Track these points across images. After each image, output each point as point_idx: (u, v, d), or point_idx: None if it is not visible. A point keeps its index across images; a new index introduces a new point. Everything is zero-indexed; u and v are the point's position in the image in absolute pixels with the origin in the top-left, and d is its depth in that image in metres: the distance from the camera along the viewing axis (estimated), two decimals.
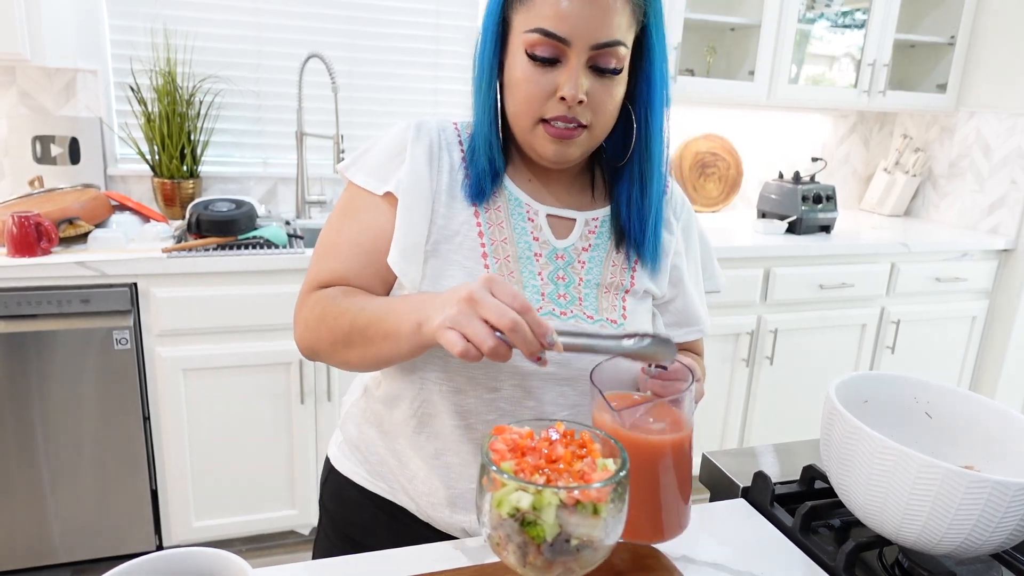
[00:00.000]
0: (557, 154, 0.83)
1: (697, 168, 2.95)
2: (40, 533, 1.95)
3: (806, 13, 2.82)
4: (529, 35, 0.78)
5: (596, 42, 0.77)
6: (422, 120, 0.90)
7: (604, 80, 0.80)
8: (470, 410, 0.86)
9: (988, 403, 0.81)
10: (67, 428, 1.90)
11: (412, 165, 0.86)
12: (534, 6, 0.78)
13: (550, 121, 0.80)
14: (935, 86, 3.01)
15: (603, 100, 0.81)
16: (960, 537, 0.67)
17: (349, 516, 0.98)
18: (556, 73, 0.79)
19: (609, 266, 0.90)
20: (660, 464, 0.69)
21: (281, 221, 2.36)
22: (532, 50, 0.79)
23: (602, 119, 0.82)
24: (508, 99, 0.84)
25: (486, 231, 0.86)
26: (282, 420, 2.09)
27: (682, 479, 0.71)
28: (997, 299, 2.87)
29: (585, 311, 0.87)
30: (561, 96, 0.78)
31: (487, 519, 0.57)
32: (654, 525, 0.72)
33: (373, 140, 0.92)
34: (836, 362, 2.69)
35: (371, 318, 0.77)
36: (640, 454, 0.67)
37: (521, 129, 0.84)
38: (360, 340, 0.78)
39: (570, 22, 0.76)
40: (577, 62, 0.78)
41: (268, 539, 2.26)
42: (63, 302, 1.81)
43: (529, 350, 0.65)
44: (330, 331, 0.81)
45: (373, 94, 2.57)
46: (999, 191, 2.86)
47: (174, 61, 2.28)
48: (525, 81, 0.80)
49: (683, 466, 0.71)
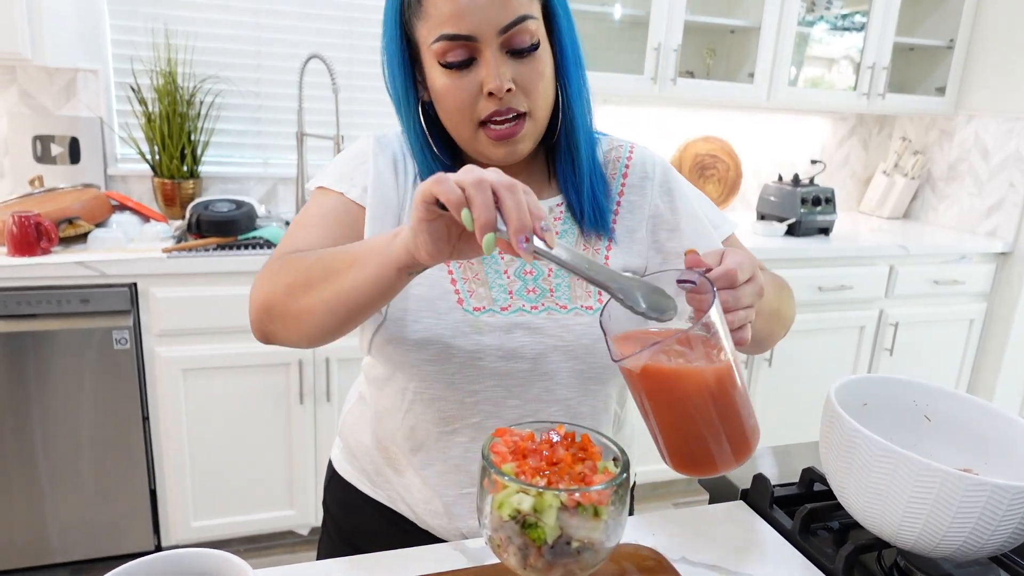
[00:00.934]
0: (507, 155, 0.81)
1: (696, 170, 2.96)
2: (39, 533, 1.95)
3: (806, 15, 2.82)
4: (435, 45, 0.76)
5: (502, 25, 0.75)
6: (381, 133, 0.90)
7: (525, 60, 0.77)
8: (453, 415, 0.85)
9: (987, 406, 0.81)
10: (66, 428, 1.89)
11: (377, 175, 0.85)
12: (430, 15, 0.76)
13: (487, 123, 0.78)
14: (934, 89, 3.02)
15: (532, 80, 0.78)
16: (959, 540, 0.67)
17: (352, 521, 0.98)
18: (475, 72, 0.77)
19: (580, 250, 0.86)
20: (692, 396, 0.60)
21: (281, 221, 2.36)
22: (443, 58, 0.77)
23: (539, 100, 0.79)
24: (440, 113, 0.82)
25: None
26: (281, 420, 2.09)
27: (726, 413, 0.62)
28: (995, 302, 2.88)
29: (557, 301, 0.84)
30: (488, 91, 0.76)
31: (488, 521, 0.57)
32: (702, 457, 0.63)
33: (335, 157, 0.92)
34: (834, 364, 2.69)
35: (338, 250, 0.72)
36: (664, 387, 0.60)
37: (463, 139, 0.82)
38: (321, 275, 0.71)
39: (470, 17, 0.74)
40: (491, 53, 0.76)
41: (267, 539, 2.26)
42: (63, 302, 1.81)
43: (520, 221, 0.55)
44: (289, 273, 0.74)
45: (373, 94, 2.57)
46: (998, 194, 2.86)
47: (175, 61, 2.28)
48: (447, 92, 0.78)
49: (724, 398, 0.61)
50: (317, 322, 0.72)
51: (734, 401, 0.62)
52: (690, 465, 0.64)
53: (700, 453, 0.63)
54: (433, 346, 0.82)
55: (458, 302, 0.82)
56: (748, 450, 0.63)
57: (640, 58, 2.50)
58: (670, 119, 2.93)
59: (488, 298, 0.83)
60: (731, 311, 0.63)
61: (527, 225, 0.55)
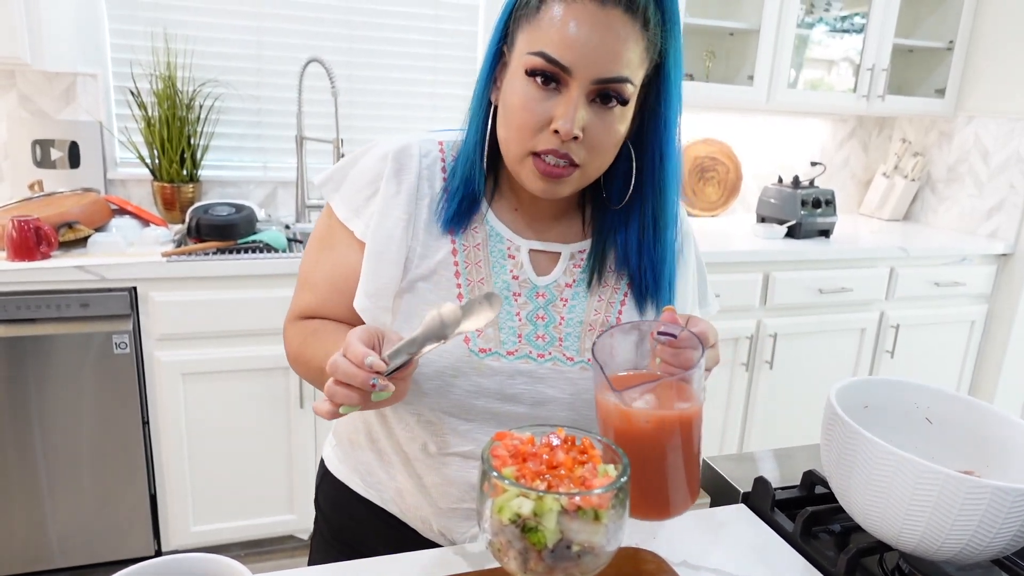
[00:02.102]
0: (544, 192, 0.78)
1: (696, 172, 2.96)
2: (38, 538, 1.94)
3: (805, 18, 2.82)
4: (531, 57, 0.73)
5: (600, 76, 0.72)
6: (405, 145, 0.85)
7: (604, 114, 0.75)
8: (445, 441, 0.85)
9: (988, 408, 0.81)
10: (66, 432, 1.89)
11: (384, 206, 0.83)
12: (540, 27, 0.73)
13: (541, 155, 0.75)
14: (934, 91, 3.02)
15: (601, 138, 0.75)
16: (961, 543, 0.67)
17: (343, 520, 0.98)
18: (553, 102, 0.74)
19: (594, 302, 0.86)
20: (666, 441, 0.67)
21: (281, 225, 2.36)
22: (532, 70, 0.74)
23: (597, 159, 0.77)
24: (501, 121, 0.79)
25: (463, 271, 0.83)
26: (281, 425, 2.08)
27: (689, 456, 0.69)
28: (996, 303, 2.88)
29: (565, 352, 0.83)
30: (555, 129, 0.73)
31: (488, 525, 0.57)
32: (659, 502, 0.70)
33: (354, 156, 0.88)
34: (835, 367, 2.69)
35: (318, 346, 0.83)
36: (644, 431, 0.66)
37: (510, 156, 0.79)
38: (307, 359, 0.85)
39: (576, 51, 0.71)
40: (577, 93, 0.73)
41: (267, 544, 2.26)
42: (63, 306, 1.81)
43: (358, 381, 0.65)
44: (292, 345, 0.89)
45: (373, 98, 2.57)
46: (998, 195, 2.86)
47: (174, 65, 2.28)
48: (521, 106, 0.75)
49: (690, 443, 0.69)
50: (320, 385, 0.81)
51: (697, 445, 0.70)
52: (644, 509, 0.70)
53: (656, 496, 0.70)
54: (432, 381, 0.82)
55: (464, 340, 0.81)
56: (695, 494, 0.73)
57: None
58: None
59: (496, 340, 0.82)
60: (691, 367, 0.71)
61: (364, 380, 0.65)
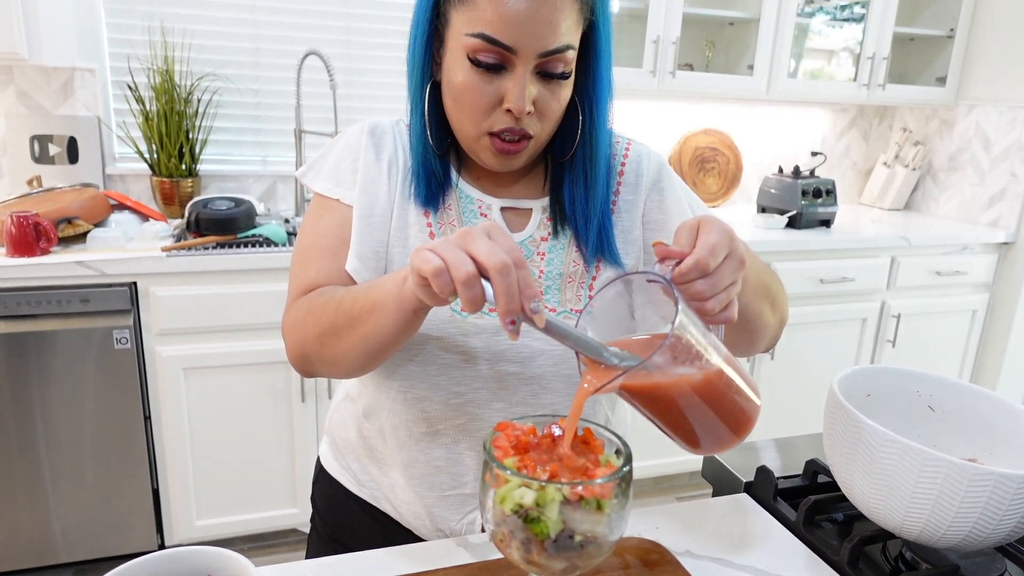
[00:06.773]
0: (501, 166, 0.80)
1: (697, 163, 2.95)
2: (42, 533, 1.95)
3: (805, 7, 2.81)
4: (471, 40, 0.73)
5: (544, 50, 0.73)
6: (376, 122, 0.89)
7: (551, 85, 0.76)
8: (437, 416, 0.84)
9: (991, 396, 0.81)
10: (68, 428, 1.89)
11: (366, 171, 0.84)
12: (476, 6, 0.72)
13: (496, 134, 0.77)
14: (934, 79, 3.01)
15: (550, 106, 0.77)
16: (964, 530, 0.67)
17: (338, 517, 0.98)
18: (501, 81, 0.74)
19: (572, 253, 0.86)
20: (676, 403, 0.60)
21: (280, 219, 2.36)
22: (475, 55, 0.73)
23: (548, 125, 0.79)
24: (449, 104, 0.79)
25: (437, 232, 0.84)
26: (283, 418, 2.08)
27: (715, 405, 0.61)
28: (997, 292, 2.87)
29: (547, 304, 0.83)
30: (507, 108, 0.75)
31: (490, 515, 0.57)
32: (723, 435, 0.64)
33: (328, 146, 0.90)
34: (837, 356, 2.69)
35: (357, 293, 0.73)
36: (650, 399, 0.60)
37: (464, 136, 0.80)
38: (346, 323, 0.72)
39: (516, 28, 0.71)
40: (524, 70, 0.73)
41: (270, 537, 2.26)
42: (63, 302, 1.80)
43: (508, 306, 0.55)
44: (316, 322, 0.76)
45: (371, 91, 2.56)
46: (999, 184, 2.86)
47: (172, 59, 2.27)
48: (468, 90, 0.75)
49: (711, 394, 0.60)
50: (352, 363, 0.75)
51: (722, 394, 0.61)
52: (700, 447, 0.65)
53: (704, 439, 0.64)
54: (418, 347, 0.82)
55: None
56: (750, 424, 0.64)
57: (639, 51, 2.49)
58: (669, 112, 2.92)
59: None
60: (708, 299, 0.61)
61: (515, 310, 0.56)
